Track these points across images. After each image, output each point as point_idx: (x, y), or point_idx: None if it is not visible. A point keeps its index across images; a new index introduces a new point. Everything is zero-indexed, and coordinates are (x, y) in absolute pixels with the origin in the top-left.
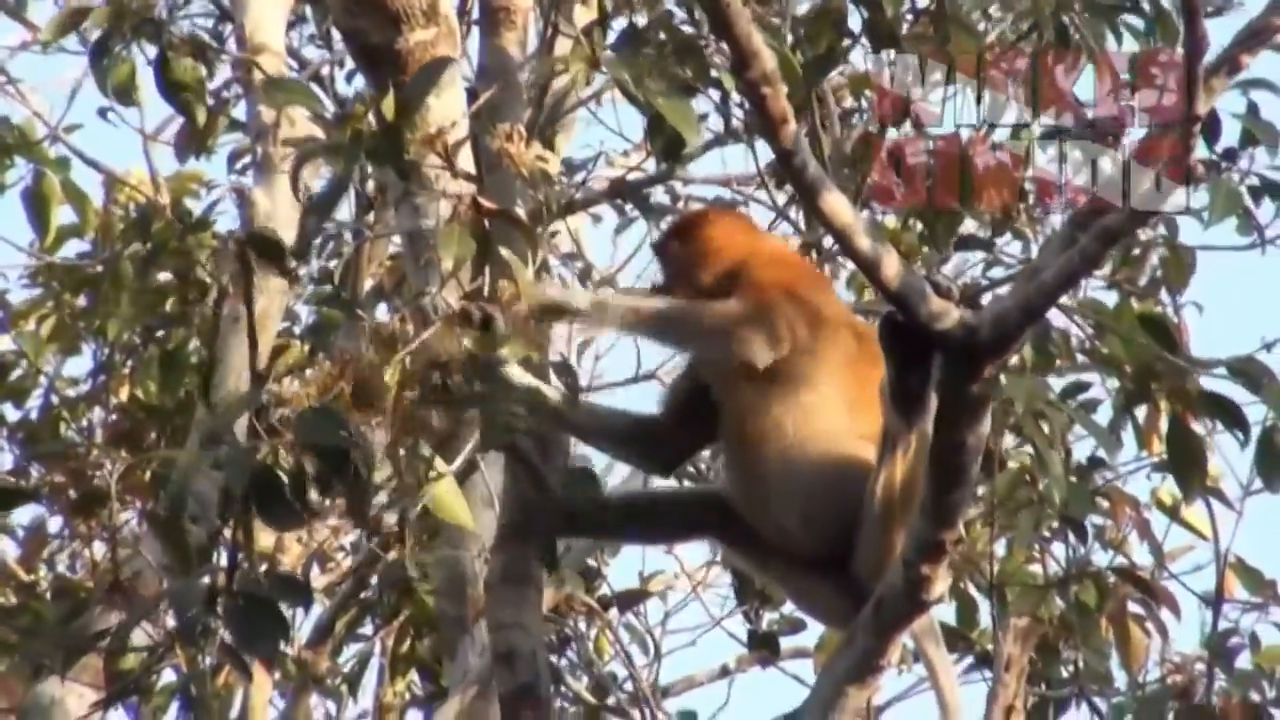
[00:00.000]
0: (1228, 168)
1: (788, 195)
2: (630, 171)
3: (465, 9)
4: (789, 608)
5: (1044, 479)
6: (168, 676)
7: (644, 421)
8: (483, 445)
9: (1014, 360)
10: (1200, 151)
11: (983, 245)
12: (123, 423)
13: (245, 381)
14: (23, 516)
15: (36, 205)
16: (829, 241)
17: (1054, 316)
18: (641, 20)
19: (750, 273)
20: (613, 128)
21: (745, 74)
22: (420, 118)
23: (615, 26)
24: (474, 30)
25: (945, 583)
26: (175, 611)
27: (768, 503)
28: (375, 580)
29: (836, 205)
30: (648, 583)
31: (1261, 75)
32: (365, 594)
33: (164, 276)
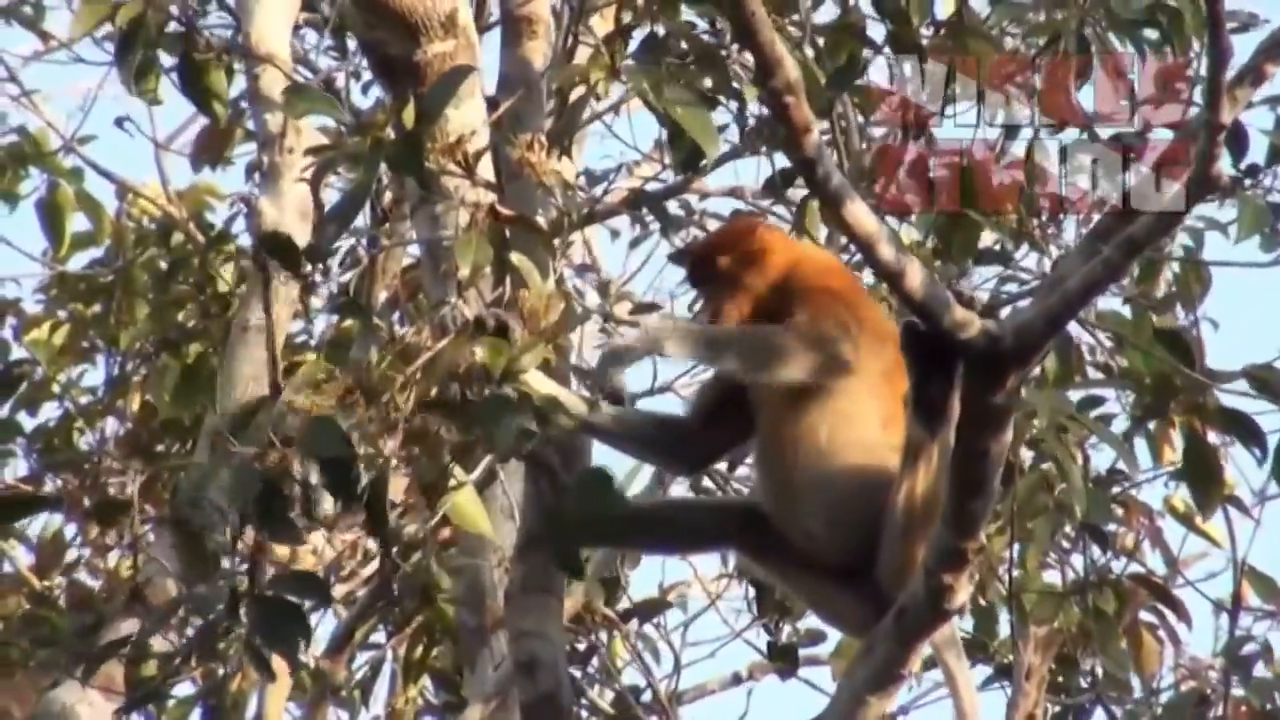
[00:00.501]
0: (1253, 183)
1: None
2: (648, 181)
3: (481, 13)
4: (808, 621)
5: (1060, 488)
6: (182, 684)
7: (669, 423)
8: (499, 455)
9: (1035, 372)
10: (1225, 164)
11: (1000, 259)
12: (138, 432)
13: (254, 391)
14: (35, 525)
15: (50, 215)
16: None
17: (1072, 329)
18: (661, 30)
19: (801, 285)
20: (626, 139)
21: (768, 82)
22: (439, 128)
23: (631, 36)
24: (491, 39)
25: (967, 592)
26: (198, 616)
27: (796, 508)
28: (395, 589)
29: (860, 215)
30: (667, 594)
31: None
32: (382, 603)
33: (180, 287)
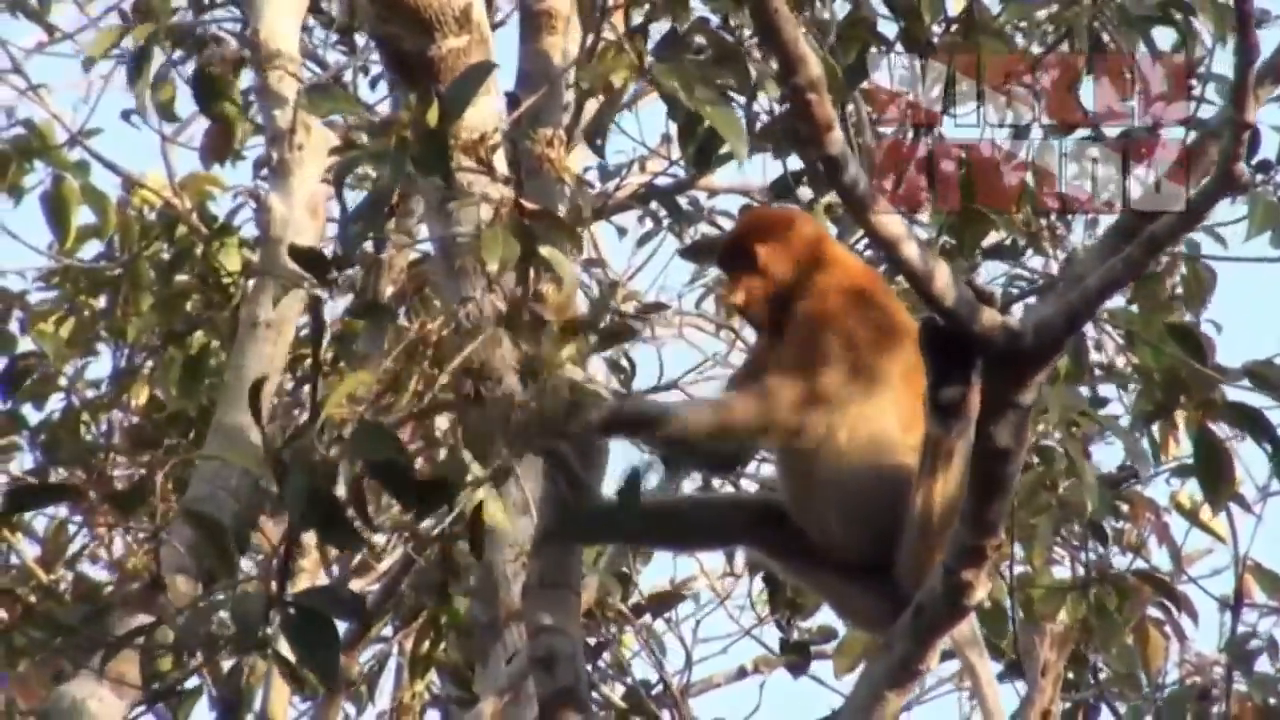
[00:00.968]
0: (1264, 180)
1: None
2: (656, 177)
3: (490, 7)
4: (819, 618)
5: (1064, 485)
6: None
7: None
8: (528, 450)
9: None
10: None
11: (1010, 254)
12: (143, 425)
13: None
14: (41, 518)
15: (56, 208)
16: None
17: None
18: (680, 27)
19: (818, 285)
20: (632, 134)
21: (791, 79)
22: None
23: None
24: (502, 34)
25: (985, 589)
26: (235, 621)
27: (816, 506)
28: (409, 584)
29: (885, 216)
30: (680, 588)
31: None
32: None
33: (184, 278)
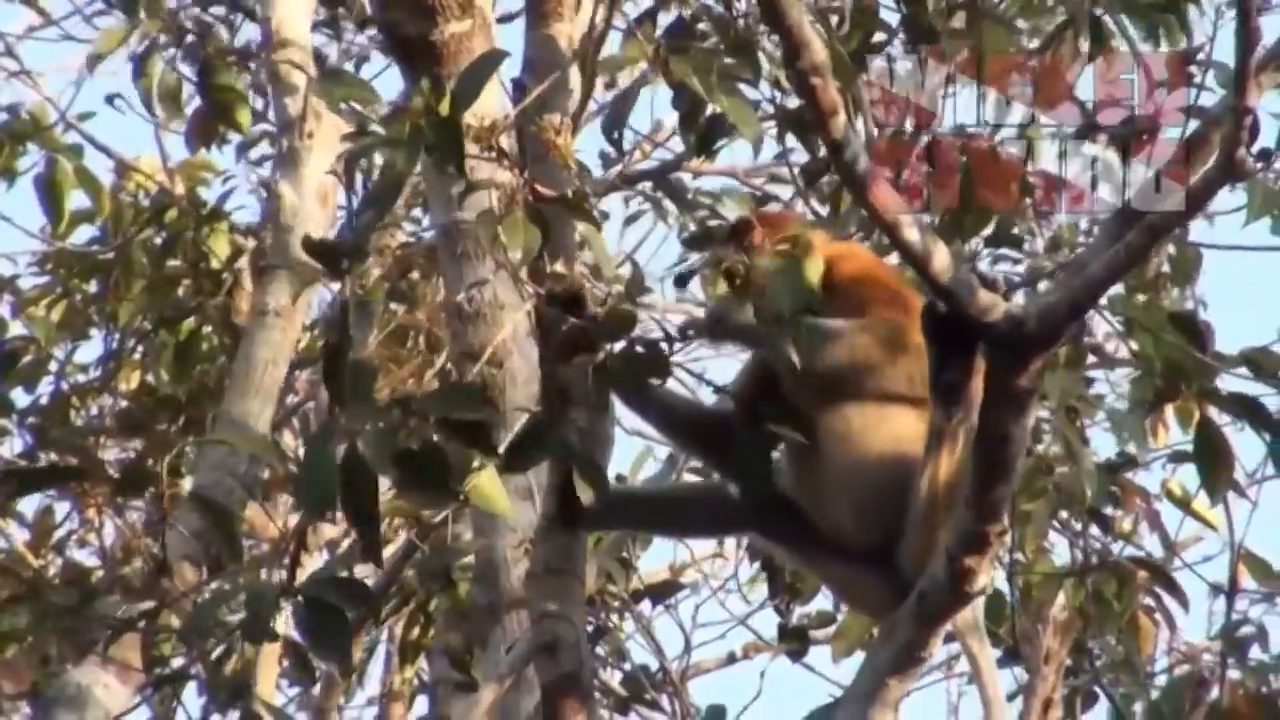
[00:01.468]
0: (1264, 167)
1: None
2: (643, 160)
3: None
4: (818, 603)
5: (1060, 470)
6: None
7: (718, 418)
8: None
9: None
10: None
11: (1011, 242)
12: (133, 410)
13: (271, 375)
14: (29, 503)
15: (49, 191)
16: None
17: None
18: (686, 13)
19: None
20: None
21: (796, 64)
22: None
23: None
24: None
25: (988, 575)
26: (247, 610)
27: (823, 493)
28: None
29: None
30: (679, 574)
31: None
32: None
33: (174, 263)
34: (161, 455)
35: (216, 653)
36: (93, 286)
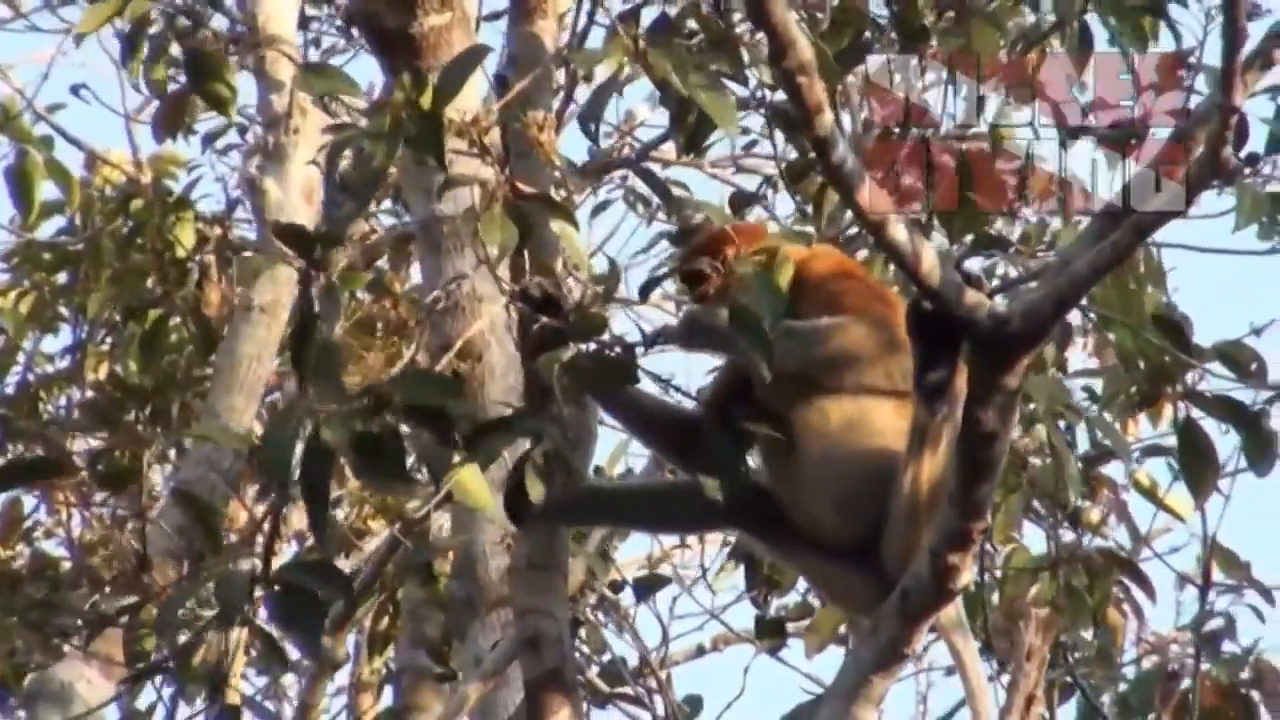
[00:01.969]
0: (1252, 171)
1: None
2: (619, 152)
3: None
4: (795, 596)
5: (1033, 464)
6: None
7: (689, 420)
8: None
9: None
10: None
11: (1000, 244)
12: (99, 400)
13: (255, 370)
14: None
15: (19, 183)
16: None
17: None
18: (671, 10)
19: (822, 262)
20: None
21: (781, 62)
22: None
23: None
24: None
25: (971, 572)
26: (218, 599)
27: (803, 490)
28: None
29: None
30: (656, 565)
31: None
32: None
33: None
34: (129, 447)
35: (183, 640)
36: (62, 278)
